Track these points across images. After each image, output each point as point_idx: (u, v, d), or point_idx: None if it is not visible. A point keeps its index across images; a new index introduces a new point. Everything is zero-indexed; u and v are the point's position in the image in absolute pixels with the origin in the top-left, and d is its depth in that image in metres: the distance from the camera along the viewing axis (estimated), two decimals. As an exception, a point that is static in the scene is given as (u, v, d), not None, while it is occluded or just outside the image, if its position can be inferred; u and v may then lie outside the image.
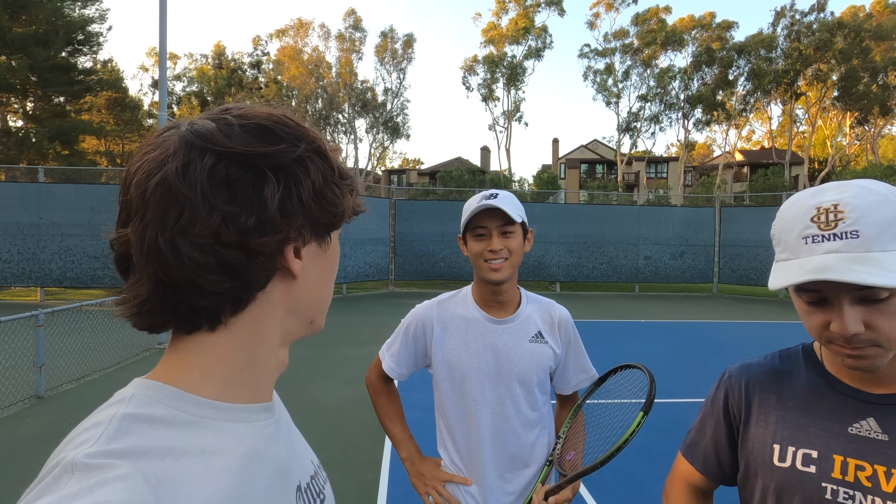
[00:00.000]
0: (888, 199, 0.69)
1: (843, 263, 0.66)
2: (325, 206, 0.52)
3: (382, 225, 14.24)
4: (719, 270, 15.31)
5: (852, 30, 27.82)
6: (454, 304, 1.47)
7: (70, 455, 0.40)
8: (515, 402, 1.40)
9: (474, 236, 1.37)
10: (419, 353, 1.48)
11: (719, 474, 0.95)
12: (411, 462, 1.48)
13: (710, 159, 42.15)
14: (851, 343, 0.71)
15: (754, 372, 0.92)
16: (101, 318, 7.04)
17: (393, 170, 45.01)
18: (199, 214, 0.45)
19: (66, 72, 21.33)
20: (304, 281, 0.54)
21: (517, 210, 1.36)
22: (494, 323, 1.42)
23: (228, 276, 0.47)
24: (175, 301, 0.47)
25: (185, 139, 0.47)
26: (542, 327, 1.45)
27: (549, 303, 1.50)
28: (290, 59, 31.42)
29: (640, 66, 31.64)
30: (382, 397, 1.54)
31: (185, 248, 0.45)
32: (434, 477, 1.44)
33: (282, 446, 0.56)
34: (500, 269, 1.34)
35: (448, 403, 1.44)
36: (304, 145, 0.51)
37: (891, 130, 36.50)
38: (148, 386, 0.48)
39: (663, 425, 4.50)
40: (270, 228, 0.48)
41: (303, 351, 6.59)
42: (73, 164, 19.47)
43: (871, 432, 0.76)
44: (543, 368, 1.42)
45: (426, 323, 1.46)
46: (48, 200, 11.37)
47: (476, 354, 1.40)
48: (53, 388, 5.27)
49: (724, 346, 8.02)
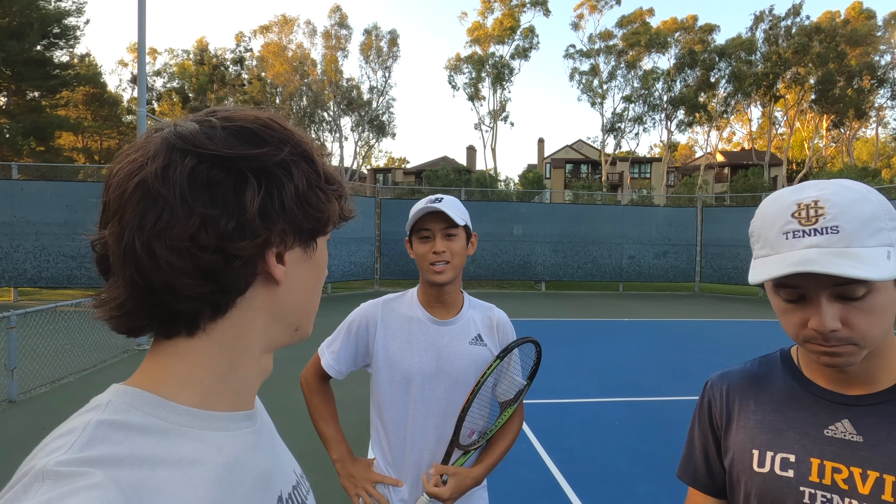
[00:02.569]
0: (866, 197, 0.70)
1: (824, 257, 0.67)
2: (309, 210, 0.51)
3: (368, 224, 14.16)
4: (701, 269, 15.57)
5: (828, 34, 28.54)
6: (399, 304, 1.50)
7: (41, 462, 0.39)
8: (453, 403, 1.41)
9: (419, 238, 1.43)
10: (360, 352, 1.49)
11: (711, 486, 0.94)
12: (342, 463, 1.48)
13: (692, 160, 42.84)
14: (829, 340, 0.71)
15: (734, 379, 0.92)
16: (77, 319, 6.86)
17: (378, 168, 44.82)
18: (178, 217, 0.44)
19: (42, 66, 20.81)
20: (288, 287, 0.53)
21: (460, 214, 1.40)
22: (437, 324, 1.45)
23: (206, 281, 0.46)
24: (152, 305, 0.47)
25: (167, 141, 0.47)
26: (482, 330, 1.48)
27: (489, 307, 1.55)
28: (274, 56, 31.07)
29: (624, 68, 32.00)
30: (317, 397, 1.53)
31: (161, 252, 0.44)
32: (365, 478, 1.44)
33: (263, 455, 0.54)
34: (443, 272, 1.38)
35: (386, 402, 1.45)
36: (289, 149, 0.50)
37: (865, 133, 37.57)
38: (125, 392, 0.47)
39: (645, 423, 4.55)
40: (250, 232, 0.47)
41: (284, 352, 6.42)
42: (49, 161, 18.97)
43: (847, 434, 0.77)
44: (481, 369, 1.45)
45: (370, 321, 1.47)
46: (22, 198, 11.06)
47: (418, 354, 1.43)
48: (26, 392, 5.12)
49: (706, 344, 8.15)
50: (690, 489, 0.98)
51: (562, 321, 10.02)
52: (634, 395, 5.43)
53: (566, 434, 4.29)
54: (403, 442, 1.44)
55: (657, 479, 3.52)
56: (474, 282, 15.11)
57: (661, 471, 3.61)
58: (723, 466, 0.92)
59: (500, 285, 15.82)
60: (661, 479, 3.49)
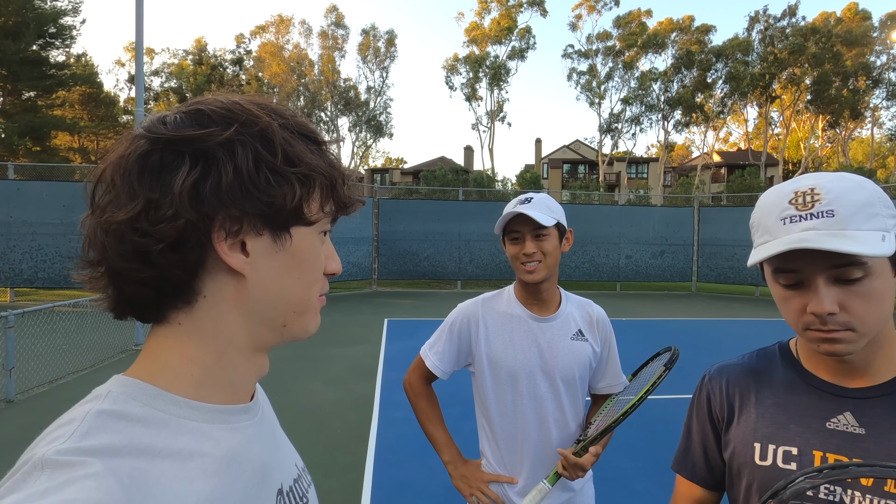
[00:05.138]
0: (861, 185, 0.72)
1: (820, 236, 0.69)
2: (255, 193, 0.47)
3: (365, 224, 14.14)
4: (698, 269, 15.60)
5: (824, 35, 28.66)
6: (498, 302, 1.50)
7: (40, 452, 0.39)
8: (557, 399, 1.43)
9: (510, 240, 1.43)
10: (463, 351, 1.50)
11: (709, 480, 0.94)
12: (454, 465, 1.49)
13: (688, 160, 42.95)
14: (827, 325, 0.72)
15: (733, 372, 0.92)
16: (75, 319, 6.84)
17: (376, 169, 44.74)
18: (122, 201, 0.45)
19: (38, 66, 20.70)
20: (258, 280, 0.50)
21: (550, 213, 1.39)
22: (537, 321, 1.45)
23: (144, 265, 0.46)
24: (114, 289, 0.48)
25: (137, 131, 0.48)
26: (582, 325, 1.48)
27: (586, 302, 1.55)
28: (271, 56, 30.99)
29: (621, 69, 32.06)
30: (423, 400, 1.54)
31: (104, 236, 0.46)
32: (478, 478, 1.45)
33: (263, 448, 0.54)
34: (535, 271, 1.39)
35: (493, 401, 1.46)
36: (237, 127, 0.47)
37: (861, 133, 37.72)
38: (125, 383, 0.47)
39: (644, 421, 4.56)
40: (175, 215, 0.45)
41: (285, 351, 6.49)
42: (45, 161, 18.88)
43: (849, 426, 0.77)
44: (584, 365, 1.46)
45: (471, 320, 1.48)
46: (18, 198, 11.00)
47: (521, 351, 1.43)
48: (24, 392, 5.11)
49: (703, 343, 8.18)
50: (679, 478, 0.99)
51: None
52: (632, 393, 5.45)
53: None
54: (514, 439, 1.44)
55: (654, 475, 3.54)
56: (472, 282, 15.12)
57: (658, 468, 3.63)
58: (722, 460, 0.92)
59: (498, 285, 15.78)
60: (659, 476, 3.51)
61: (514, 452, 1.44)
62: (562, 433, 1.44)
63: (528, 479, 1.42)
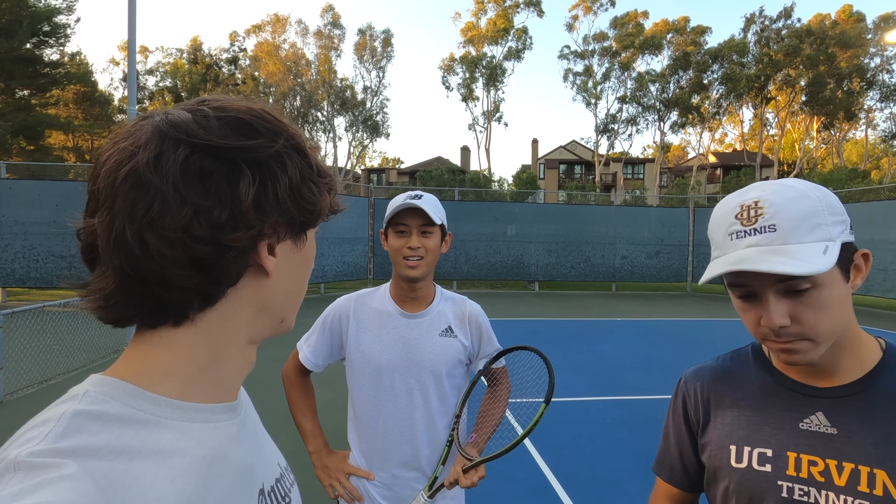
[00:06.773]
0: (805, 194, 0.72)
1: (759, 255, 0.70)
2: (302, 203, 0.51)
3: (361, 224, 14.13)
4: (693, 269, 15.67)
5: (818, 37, 28.81)
6: (371, 299, 1.53)
7: (13, 453, 0.38)
8: (424, 394, 1.45)
9: (395, 233, 1.44)
10: (335, 345, 1.52)
11: (686, 482, 0.95)
12: (318, 455, 1.52)
13: (684, 161, 43.08)
14: (781, 337, 0.73)
15: (707, 375, 0.93)
16: (66, 319, 6.79)
17: (372, 169, 44.74)
18: (170, 207, 0.44)
19: (31, 64, 20.59)
20: (278, 279, 0.53)
21: (438, 212, 1.44)
22: (407, 317, 1.48)
23: (197, 272, 0.46)
24: (141, 295, 0.46)
25: (158, 129, 0.46)
26: (453, 322, 1.51)
27: (462, 299, 1.58)
28: (267, 56, 30.92)
29: (618, 69, 32.14)
30: (297, 390, 1.57)
31: (153, 242, 0.44)
32: (338, 469, 1.49)
33: (245, 448, 0.54)
34: (417, 267, 1.41)
35: (358, 395, 1.49)
36: (283, 141, 0.50)
37: (855, 135, 37.97)
38: (104, 382, 0.46)
39: (636, 421, 4.57)
40: (243, 224, 0.47)
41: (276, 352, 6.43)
42: (39, 160, 18.78)
43: (821, 426, 0.77)
44: (452, 361, 1.48)
45: (343, 315, 1.51)
46: (10, 197, 10.93)
47: (388, 346, 1.46)
48: (13, 393, 5.06)
49: (698, 344, 8.19)
50: (658, 480, 1.00)
51: (555, 321, 10.04)
52: (625, 393, 5.46)
53: (556, 432, 4.30)
54: (375, 433, 1.47)
55: (646, 476, 3.53)
56: (468, 282, 15.11)
57: (650, 469, 3.62)
58: (698, 462, 0.92)
59: (493, 285, 15.83)
60: (651, 477, 3.49)
61: (375, 446, 1.47)
62: (428, 429, 1.46)
63: (390, 474, 1.46)
